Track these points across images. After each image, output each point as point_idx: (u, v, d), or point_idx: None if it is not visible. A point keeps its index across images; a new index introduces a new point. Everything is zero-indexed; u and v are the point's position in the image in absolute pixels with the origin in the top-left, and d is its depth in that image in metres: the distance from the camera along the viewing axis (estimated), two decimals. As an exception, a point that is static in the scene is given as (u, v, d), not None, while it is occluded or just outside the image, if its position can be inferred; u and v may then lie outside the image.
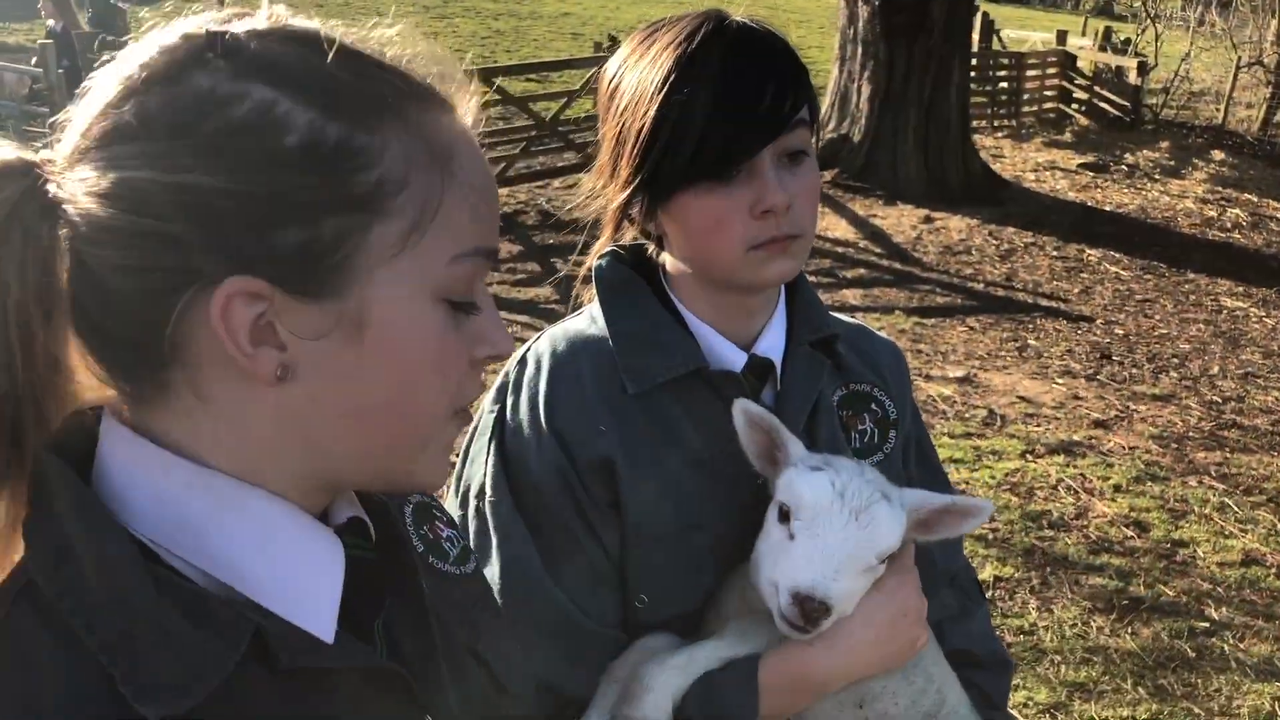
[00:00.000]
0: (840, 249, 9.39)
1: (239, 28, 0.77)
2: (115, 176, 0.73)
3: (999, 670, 1.58)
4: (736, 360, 1.43)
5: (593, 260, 1.48)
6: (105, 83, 0.77)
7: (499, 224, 0.86)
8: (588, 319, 1.45)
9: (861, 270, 8.84)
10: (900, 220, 10.39)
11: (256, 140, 0.73)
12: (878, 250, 9.46)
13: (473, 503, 1.39)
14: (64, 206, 0.75)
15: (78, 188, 0.75)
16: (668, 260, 1.45)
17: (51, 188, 0.76)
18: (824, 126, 11.67)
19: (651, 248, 1.47)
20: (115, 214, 0.73)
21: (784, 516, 1.26)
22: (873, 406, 1.51)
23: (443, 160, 0.79)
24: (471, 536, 1.37)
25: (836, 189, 11.01)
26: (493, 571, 1.33)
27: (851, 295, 8.16)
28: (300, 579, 0.82)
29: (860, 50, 11.33)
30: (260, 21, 0.79)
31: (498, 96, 10.28)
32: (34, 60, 10.38)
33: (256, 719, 0.76)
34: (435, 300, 0.80)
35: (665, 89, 1.29)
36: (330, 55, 0.77)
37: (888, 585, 1.30)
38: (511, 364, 1.44)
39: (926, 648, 1.38)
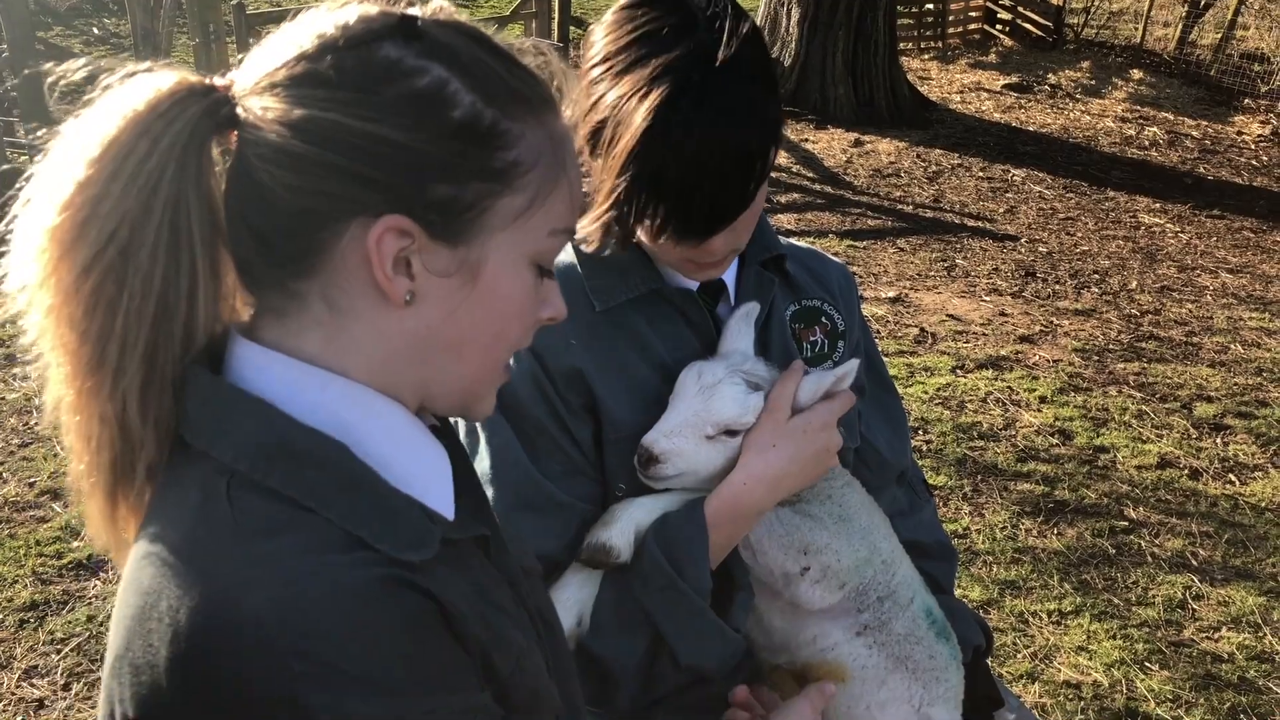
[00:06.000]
0: (773, 174, 9.49)
1: (420, 13, 0.92)
2: (305, 113, 0.87)
3: (945, 558, 1.74)
4: (691, 280, 1.55)
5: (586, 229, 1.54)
6: (299, 35, 0.91)
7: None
8: None
9: (795, 195, 8.96)
10: (831, 144, 10.51)
11: (431, 108, 0.89)
12: (809, 175, 9.58)
13: None
14: (247, 127, 0.89)
15: (262, 114, 0.88)
16: None
17: (239, 110, 0.89)
18: (754, 51, 11.69)
19: None
20: (301, 143, 0.87)
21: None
22: (822, 320, 1.65)
23: (560, 153, 0.98)
24: (462, 436, 1.49)
25: (768, 114, 11.08)
26: (483, 464, 1.47)
27: (786, 220, 8.29)
28: (429, 472, 0.99)
29: (789, -27, 11.33)
30: (434, 11, 0.94)
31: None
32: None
33: (441, 573, 0.92)
34: (530, 264, 0.98)
35: (640, 155, 1.33)
36: (490, 51, 0.93)
37: (794, 423, 1.47)
38: None
39: (879, 526, 1.54)
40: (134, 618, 0.85)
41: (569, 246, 1.55)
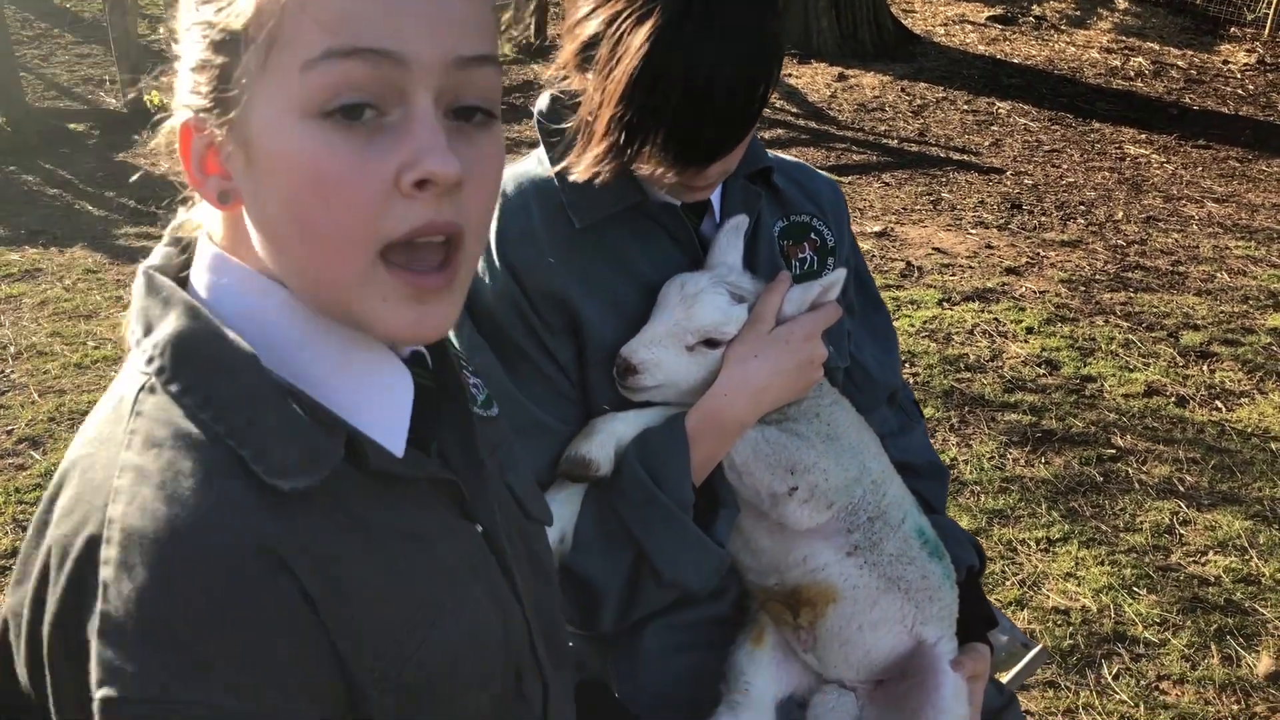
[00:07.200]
0: (756, 110, 9.38)
1: None
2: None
3: (937, 477, 1.71)
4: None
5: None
6: None
7: (389, 20, 0.79)
8: (535, 160, 1.52)
9: (779, 130, 8.86)
10: (815, 79, 10.38)
11: None
12: (794, 110, 9.47)
13: None
14: None
15: None
16: None
17: None
18: (735, -15, 11.49)
19: None
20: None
21: None
22: (812, 236, 1.60)
23: None
24: None
25: (750, 49, 10.91)
26: None
27: (769, 155, 8.18)
28: (376, 400, 0.91)
29: (770, -96, 11.09)
30: None
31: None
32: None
33: (355, 508, 0.86)
34: (306, 116, 0.80)
35: (640, 82, 1.27)
36: None
37: (776, 333, 1.44)
38: None
39: (869, 445, 1.50)
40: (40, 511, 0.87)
41: (544, 161, 1.49)
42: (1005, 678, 2.04)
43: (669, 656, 1.54)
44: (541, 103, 1.51)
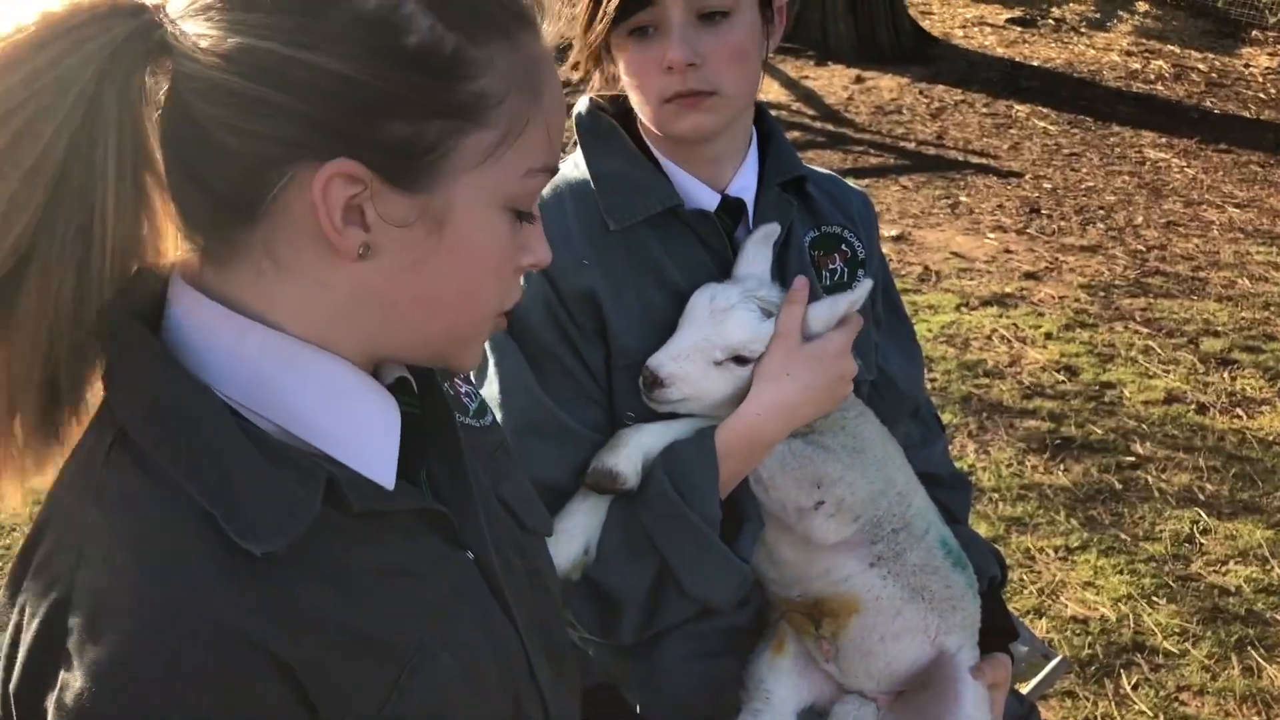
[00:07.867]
0: (773, 112, 9.34)
1: None
2: (239, 41, 0.77)
3: (960, 487, 1.71)
4: (710, 201, 1.51)
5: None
6: None
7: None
8: (571, 164, 1.53)
9: (795, 133, 8.84)
10: (832, 81, 10.35)
11: (381, 34, 0.78)
12: (810, 112, 9.45)
13: None
14: (179, 55, 0.78)
15: (195, 41, 0.78)
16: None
17: (165, 34, 0.79)
18: (753, -14, 11.47)
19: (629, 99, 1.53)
20: (235, 77, 0.77)
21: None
22: (843, 247, 1.60)
23: (535, 81, 0.86)
24: None
25: (768, 51, 10.91)
26: (492, 389, 1.43)
27: (786, 158, 8.16)
28: (363, 433, 0.89)
29: (788, -95, 11.09)
30: None
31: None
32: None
33: (334, 554, 0.83)
34: (504, 209, 0.88)
35: None
36: None
37: (808, 350, 1.43)
38: None
39: (894, 457, 1.50)
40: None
41: (581, 164, 1.51)
42: (1026, 688, 2.03)
43: (689, 664, 1.54)
44: (580, 105, 1.53)
